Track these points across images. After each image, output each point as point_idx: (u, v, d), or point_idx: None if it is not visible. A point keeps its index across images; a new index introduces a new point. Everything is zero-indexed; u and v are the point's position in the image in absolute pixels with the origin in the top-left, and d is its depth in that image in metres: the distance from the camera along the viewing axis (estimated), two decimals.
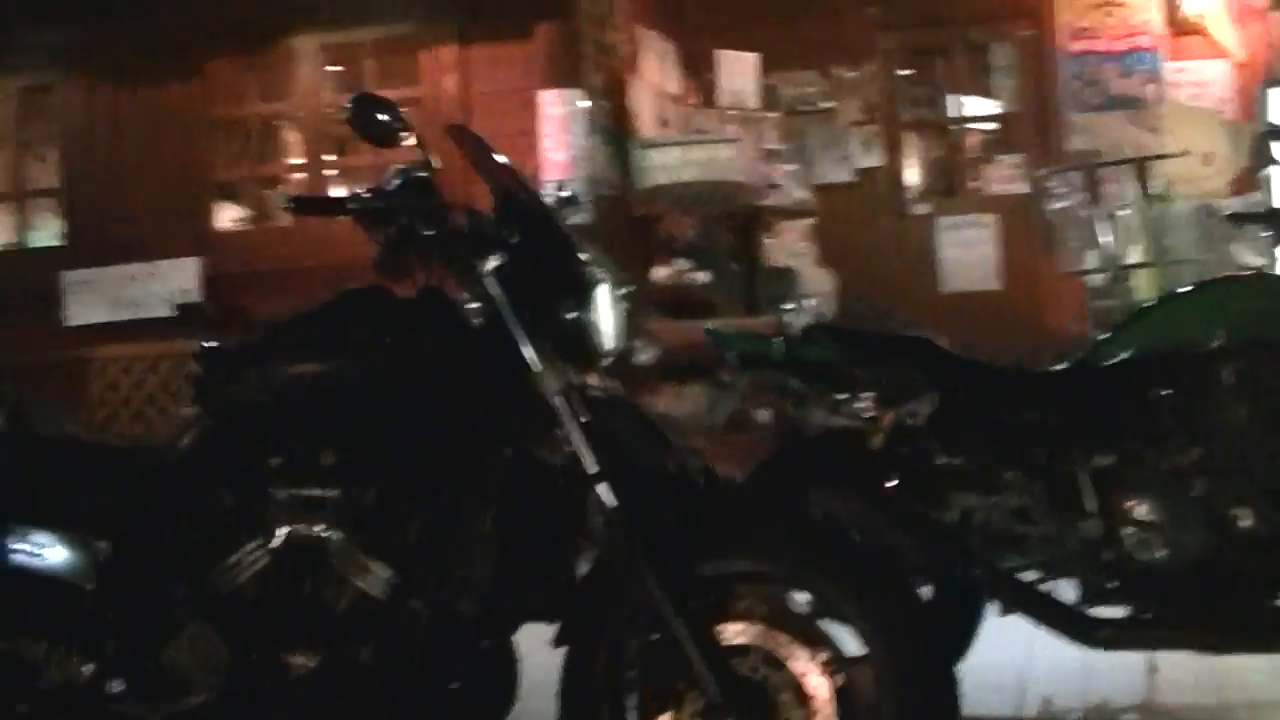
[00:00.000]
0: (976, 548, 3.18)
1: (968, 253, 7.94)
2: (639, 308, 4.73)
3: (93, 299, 7.02)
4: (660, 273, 5.89)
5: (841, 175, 8.12)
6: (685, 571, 2.41)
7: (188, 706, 2.56)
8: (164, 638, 2.58)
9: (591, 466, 2.40)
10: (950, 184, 8.47)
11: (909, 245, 7.98)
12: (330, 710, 2.50)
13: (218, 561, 2.55)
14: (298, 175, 7.28)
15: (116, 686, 2.60)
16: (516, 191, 2.59)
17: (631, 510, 2.39)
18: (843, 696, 2.38)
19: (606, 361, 2.58)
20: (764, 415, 3.91)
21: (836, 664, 2.40)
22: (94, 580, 2.64)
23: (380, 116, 2.54)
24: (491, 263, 2.48)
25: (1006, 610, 3.16)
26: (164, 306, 6.78)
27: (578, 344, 2.49)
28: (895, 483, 3.19)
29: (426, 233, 2.49)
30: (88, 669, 2.63)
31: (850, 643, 2.42)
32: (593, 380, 2.57)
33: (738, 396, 3.80)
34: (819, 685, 2.37)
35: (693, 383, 4.55)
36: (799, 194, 7.23)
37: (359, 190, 2.59)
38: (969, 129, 8.63)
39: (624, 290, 4.71)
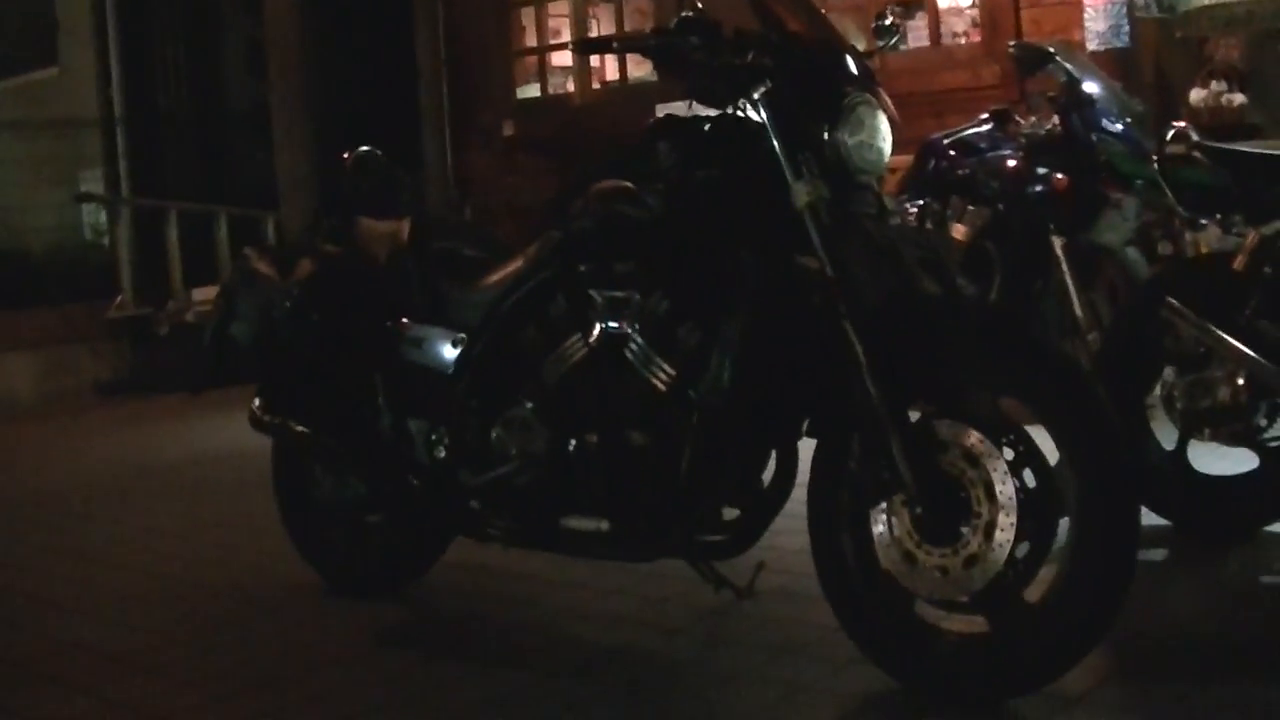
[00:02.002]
0: None
1: None
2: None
3: None
4: (1197, 95, 5.77)
5: None
6: (904, 372, 2.71)
7: (501, 475, 3.23)
8: (494, 418, 3.27)
9: (830, 271, 2.75)
10: None
11: None
12: (615, 487, 3.03)
13: (547, 355, 3.18)
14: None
15: (446, 454, 3.37)
16: (789, 18, 2.97)
17: (861, 315, 2.73)
18: (1031, 499, 2.59)
19: (869, 180, 2.91)
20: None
21: (1030, 468, 2.61)
22: (452, 367, 3.38)
23: None
24: (760, 88, 2.88)
25: None
26: None
27: (836, 163, 2.84)
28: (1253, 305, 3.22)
29: (703, 62, 2.94)
30: (442, 448, 3.40)
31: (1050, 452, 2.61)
32: (859, 199, 2.91)
33: (1133, 218, 3.85)
34: (1008, 486, 2.58)
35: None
36: None
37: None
38: None
39: (1140, 110, 4.83)
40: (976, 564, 2.61)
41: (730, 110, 2.96)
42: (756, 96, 2.85)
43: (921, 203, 5.25)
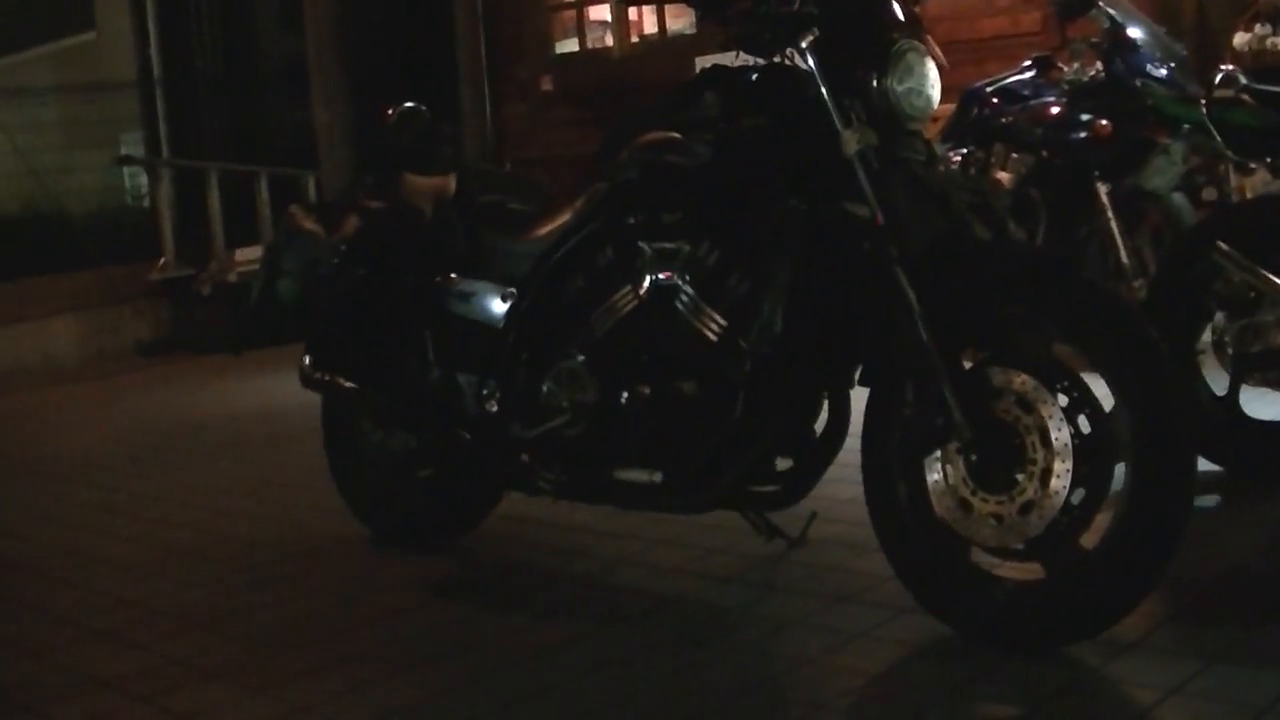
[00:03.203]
0: None
1: None
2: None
3: None
4: (1241, 38, 5.68)
5: None
6: (956, 318, 2.70)
7: (551, 428, 3.22)
8: (545, 371, 3.25)
9: (878, 217, 2.72)
10: None
11: None
12: (667, 438, 3.02)
13: (597, 307, 3.17)
14: None
15: (497, 407, 3.36)
16: None
17: (911, 261, 2.70)
18: (1086, 445, 2.57)
19: (919, 125, 2.88)
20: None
21: (1085, 413, 2.58)
22: (502, 320, 3.38)
23: None
24: (808, 36, 2.84)
25: None
26: None
27: (884, 110, 2.81)
28: None
29: (748, 10, 2.91)
30: (493, 402, 3.40)
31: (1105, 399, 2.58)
32: (907, 145, 2.88)
33: (1180, 162, 3.81)
34: (1064, 432, 2.56)
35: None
36: None
37: None
38: None
39: (1183, 55, 4.77)
40: (1032, 510, 2.59)
41: (777, 59, 2.94)
42: (804, 44, 2.82)
43: (964, 151, 5.22)
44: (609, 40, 9.06)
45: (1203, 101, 3.75)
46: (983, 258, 2.74)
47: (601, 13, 9.20)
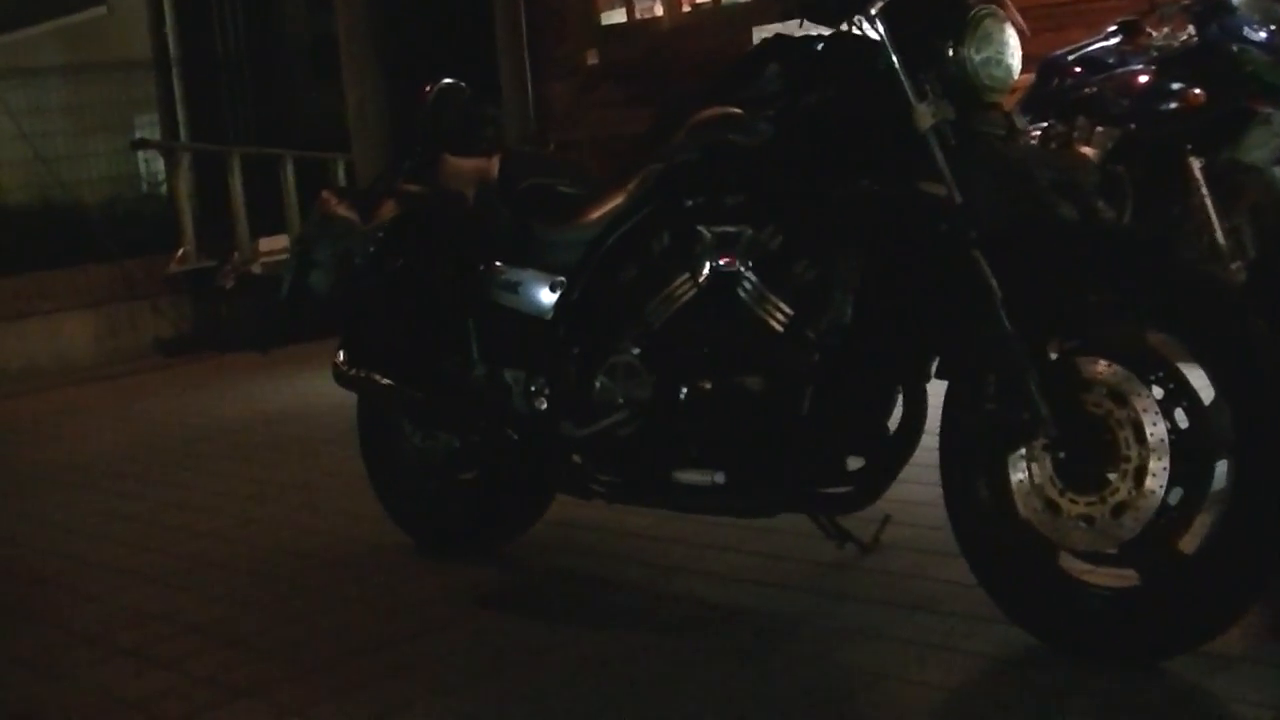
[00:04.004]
0: None
1: None
2: None
3: None
4: None
5: None
6: (1041, 304, 2.70)
7: (605, 426, 3.24)
8: (597, 365, 3.28)
9: (955, 196, 2.72)
10: None
11: None
12: (730, 436, 3.03)
13: (653, 296, 3.19)
14: None
15: (546, 405, 3.39)
16: None
17: (992, 243, 2.70)
18: (1184, 441, 2.55)
19: (998, 97, 2.88)
20: None
21: (1182, 407, 2.57)
22: (551, 312, 3.40)
23: None
24: (877, 2, 2.84)
25: None
26: None
27: (961, 81, 2.81)
28: None
29: None
30: (542, 399, 3.42)
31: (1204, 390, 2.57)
32: (986, 119, 2.88)
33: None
34: (1159, 426, 2.55)
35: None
36: None
37: None
38: None
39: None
40: (1126, 512, 2.59)
41: (844, 27, 2.95)
42: (873, 11, 2.83)
43: (1044, 125, 5.20)
44: (659, 10, 9.05)
45: None
46: (1069, 239, 2.74)
47: None
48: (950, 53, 2.77)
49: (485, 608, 3.47)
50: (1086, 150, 4.96)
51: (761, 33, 3.21)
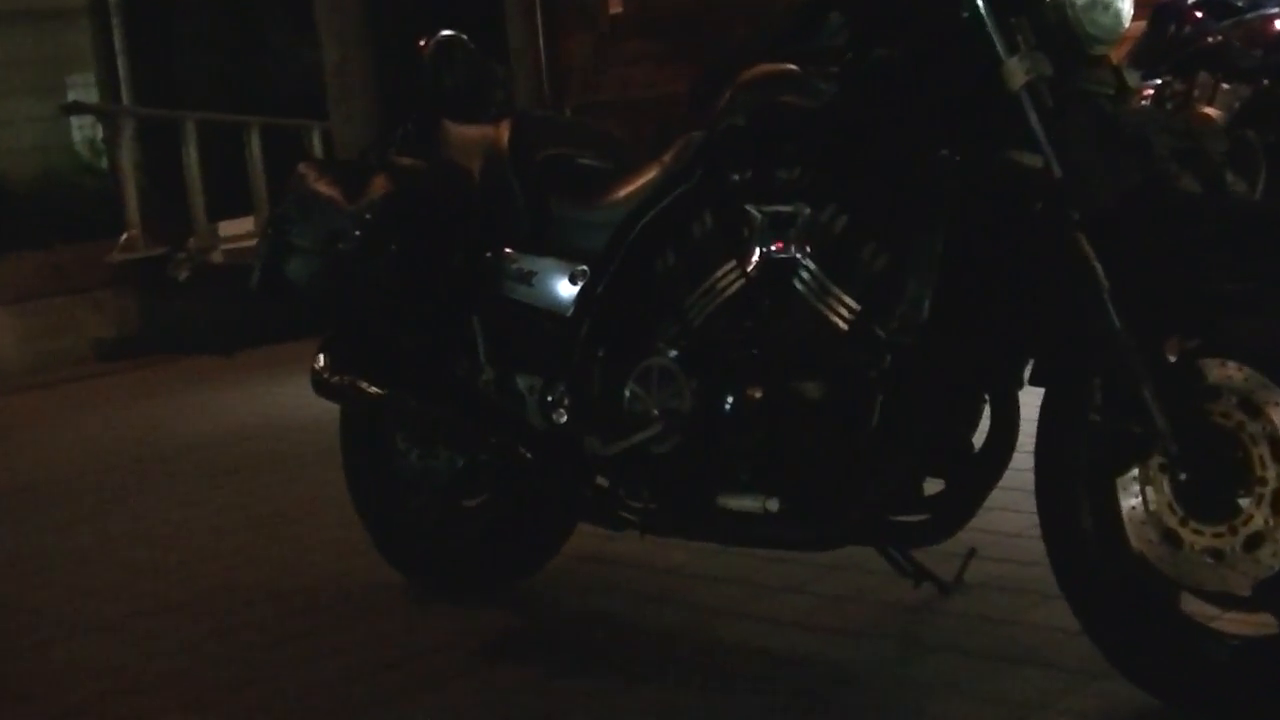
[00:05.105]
0: None
1: None
2: None
3: None
4: None
5: None
6: (1158, 296, 2.71)
7: (636, 443, 3.26)
8: (627, 370, 3.30)
9: (1054, 168, 2.74)
10: None
11: None
12: (785, 454, 3.06)
13: (693, 289, 3.22)
14: None
15: (566, 417, 3.42)
16: None
17: (1099, 225, 2.71)
18: None
19: (1104, 49, 2.90)
20: None
21: None
22: (571, 307, 3.43)
23: None
24: None
25: None
26: None
27: (1060, 30, 2.83)
28: None
29: None
30: (561, 410, 3.45)
31: None
32: (1091, 75, 2.90)
33: None
34: None
35: None
36: None
37: None
38: None
39: None
40: (1262, 545, 2.59)
41: None
42: None
43: (1159, 81, 5.21)
44: None
45: None
46: (1191, 217, 2.75)
47: None
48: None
49: (494, 660, 3.50)
50: (1211, 111, 4.97)
51: None
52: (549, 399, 3.47)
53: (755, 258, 3.10)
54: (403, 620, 3.83)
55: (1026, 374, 2.92)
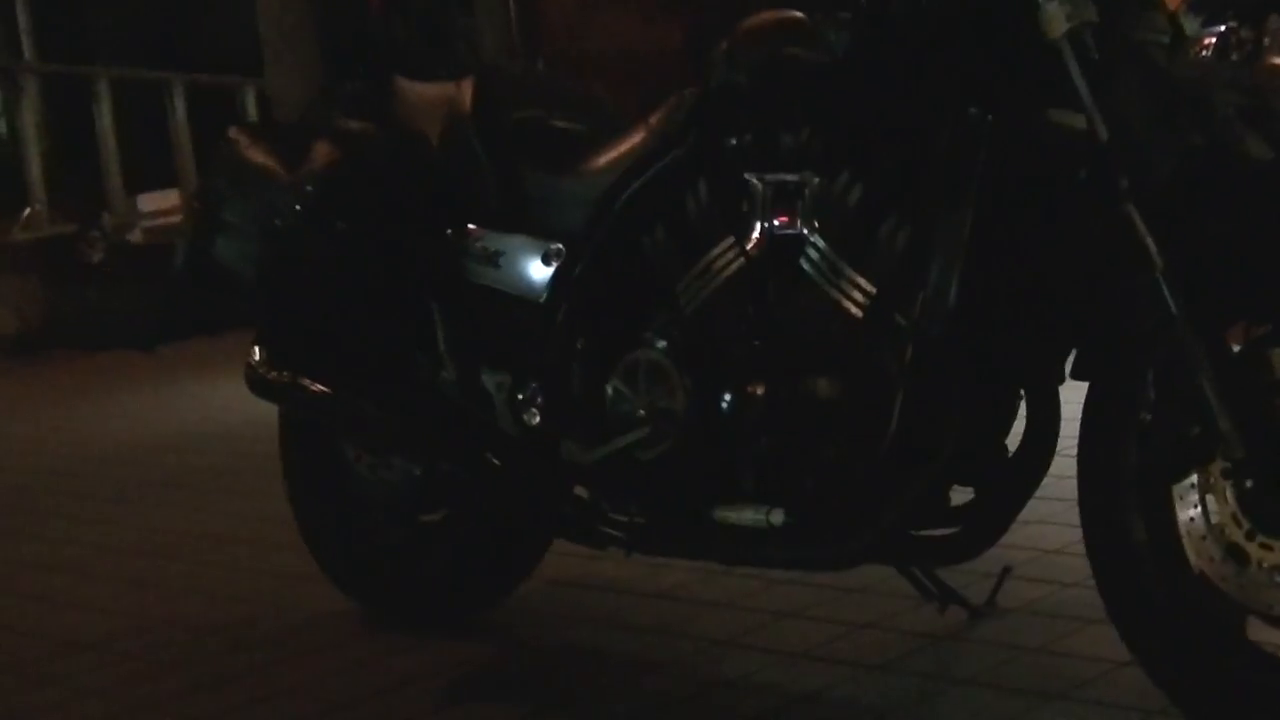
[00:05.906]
0: None
1: None
2: None
3: None
4: None
5: None
6: (1218, 277, 2.73)
7: (621, 448, 3.27)
8: (609, 365, 3.32)
9: (1100, 130, 2.76)
10: None
11: None
12: (792, 460, 3.08)
13: (685, 271, 3.23)
14: None
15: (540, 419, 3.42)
16: None
17: (1152, 195, 2.73)
18: None
19: None
20: None
21: None
22: (545, 292, 3.44)
23: None
24: None
25: None
26: None
27: None
28: None
29: None
30: (534, 411, 3.46)
31: None
32: (1142, 21, 2.92)
33: None
34: None
35: None
36: None
37: None
38: None
39: None
40: None
41: None
42: None
43: (1222, 28, 5.22)
44: None
45: None
46: (1258, 188, 2.76)
47: None
48: None
49: (460, 700, 3.52)
50: None
51: None
52: (520, 398, 3.49)
53: (757, 234, 3.11)
54: (359, 653, 3.85)
55: (1068, 367, 2.93)
